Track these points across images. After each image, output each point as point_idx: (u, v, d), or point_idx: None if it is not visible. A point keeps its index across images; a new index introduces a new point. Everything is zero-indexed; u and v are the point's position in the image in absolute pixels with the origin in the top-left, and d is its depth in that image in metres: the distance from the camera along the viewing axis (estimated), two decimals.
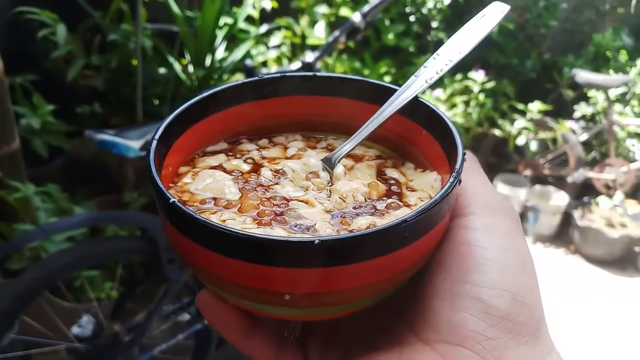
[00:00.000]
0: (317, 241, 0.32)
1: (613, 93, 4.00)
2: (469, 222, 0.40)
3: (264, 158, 0.48)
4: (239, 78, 2.22)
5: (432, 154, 0.45)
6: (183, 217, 0.35)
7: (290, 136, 0.51)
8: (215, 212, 0.41)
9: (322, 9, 3.51)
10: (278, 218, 0.40)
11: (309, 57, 2.16)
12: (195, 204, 0.42)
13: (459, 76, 3.82)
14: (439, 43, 4.02)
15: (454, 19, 4.00)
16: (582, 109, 4.24)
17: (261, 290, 0.35)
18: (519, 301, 0.36)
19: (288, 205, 0.42)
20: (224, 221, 0.39)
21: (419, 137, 0.46)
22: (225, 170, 0.46)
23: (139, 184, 2.86)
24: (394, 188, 0.45)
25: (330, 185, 0.44)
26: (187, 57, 3.09)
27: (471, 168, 0.43)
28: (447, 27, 4.00)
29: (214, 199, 0.42)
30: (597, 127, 4.07)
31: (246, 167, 0.46)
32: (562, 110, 4.24)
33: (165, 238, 1.50)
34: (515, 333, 0.36)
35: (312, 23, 3.47)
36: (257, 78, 0.48)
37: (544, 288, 0.42)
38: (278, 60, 3.28)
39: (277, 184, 0.44)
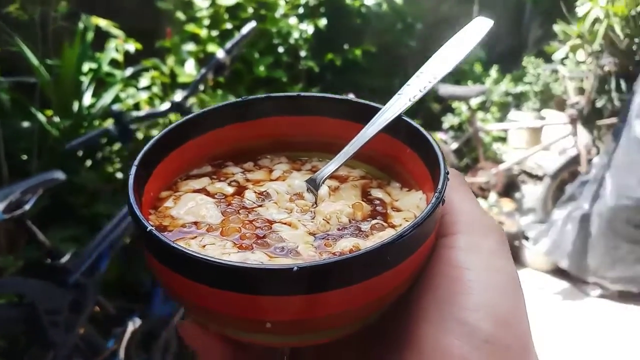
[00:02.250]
0: (295, 268, 0.31)
1: (474, 102, 4.32)
2: (453, 241, 0.39)
3: (248, 180, 0.47)
4: (107, 125, 2.13)
5: (417, 173, 0.44)
6: (160, 245, 0.34)
7: (275, 158, 0.51)
8: (196, 236, 0.40)
9: (190, 46, 3.49)
10: (259, 241, 0.39)
11: (178, 96, 2.14)
12: (175, 229, 0.41)
13: None
14: (309, 71, 4.14)
15: (321, 47, 4.14)
16: (449, 120, 4.54)
17: (242, 318, 0.34)
18: (503, 323, 0.35)
19: (271, 228, 0.41)
20: (204, 246, 0.38)
21: (403, 156, 0.46)
22: (208, 194, 0.45)
23: (11, 247, 2.63)
24: (379, 208, 0.44)
25: (315, 207, 0.44)
26: (52, 106, 2.92)
27: (457, 185, 0.42)
28: (315, 55, 4.12)
29: (195, 223, 0.41)
30: (465, 135, 4.37)
31: (230, 190, 0.46)
32: (432, 123, 4.51)
33: (47, 301, 1.38)
34: (498, 356, 0.35)
35: (181, 62, 3.43)
36: (239, 100, 0.47)
37: None
38: (150, 100, 3.20)
39: (260, 206, 0.43)
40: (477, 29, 0.47)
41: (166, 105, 2.21)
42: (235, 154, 0.50)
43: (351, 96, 0.49)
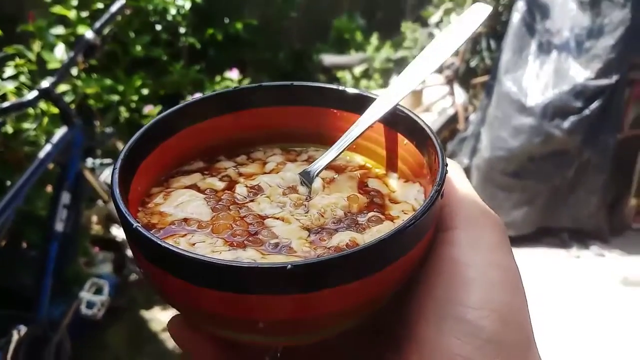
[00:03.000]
0: (289, 266, 0.30)
1: (357, 70, 4.41)
2: (452, 236, 0.38)
3: (240, 175, 0.46)
4: None
5: (415, 164, 0.43)
6: (147, 243, 0.33)
7: (268, 150, 0.49)
8: (185, 234, 0.38)
9: (58, 29, 3.27)
10: (251, 238, 0.37)
11: (45, 83, 2.01)
12: (165, 227, 0.39)
13: (218, 78, 3.87)
14: (191, 48, 4.02)
15: (201, 22, 4.03)
16: None
17: (232, 318, 0.33)
18: (507, 321, 0.34)
19: (263, 224, 0.39)
20: (193, 244, 0.37)
21: (401, 147, 0.44)
22: (198, 189, 0.43)
23: None
24: (376, 200, 0.43)
25: (309, 200, 0.42)
26: None
27: (455, 177, 0.40)
28: (195, 31, 4.01)
29: (185, 220, 0.40)
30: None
31: (220, 185, 0.44)
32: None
33: None
34: (502, 356, 0.34)
35: (49, 46, 3.21)
36: (229, 89, 0.46)
37: None
38: (18, 91, 2.98)
39: (252, 201, 0.42)
40: (475, 16, 0.45)
41: (33, 94, 2.07)
42: (226, 145, 0.48)
43: (235, 73, 0.48)
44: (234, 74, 3.81)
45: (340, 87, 0.47)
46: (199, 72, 3.85)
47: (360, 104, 0.44)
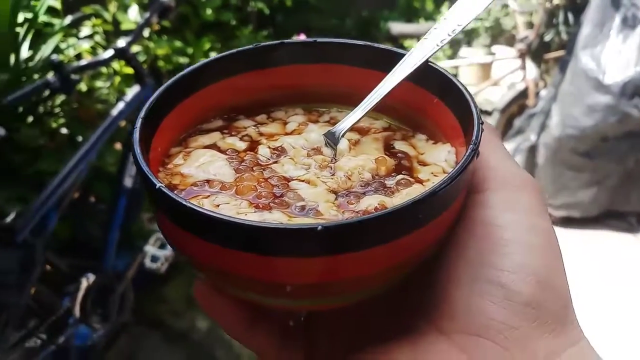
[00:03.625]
0: (319, 227, 0.29)
1: None
2: (486, 198, 0.36)
3: (261, 135, 0.45)
4: (48, 77, 2.05)
5: (445, 124, 0.41)
6: (171, 204, 0.32)
7: (290, 110, 0.48)
8: (209, 195, 0.37)
9: None
10: (277, 200, 0.37)
11: (121, 42, 2.07)
12: (186, 188, 0.38)
13: None
14: (259, 13, 4.03)
15: None
16: None
17: (259, 281, 0.32)
18: (544, 286, 0.33)
19: (288, 186, 0.38)
20: (218, 206, 0.36)
21: (430, 106, 0.42)
22: (219, 150, 0.42)
23: None
24: (403, 162, 0.41)
25: (334, 162, 0.41)
26: None
27: (489, 139, 0.38)
28: None
29: (207, 181, 0.39)
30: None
31: (242, 145, 0.43)
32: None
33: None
34: (540, 321, 0.33)
35: (124, 7, 3.29)
36: (250, 47, 0.44)
37: None
38: (93, 50, 3.08)
39: (275, 162, 0.41)
40: None
41: (109, 53, 2.14)
42: (247, 105, 0.47)
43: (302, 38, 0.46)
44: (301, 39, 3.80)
45: (367, 43, 0.45)
46: (266, 37, 3.86)
47: (388, 60, 0.42)
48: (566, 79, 3.33)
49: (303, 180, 0.39)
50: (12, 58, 2.79)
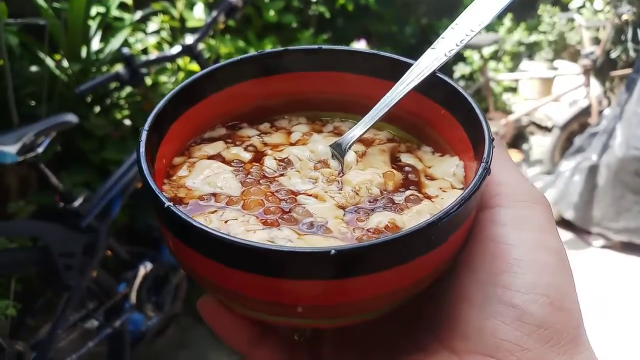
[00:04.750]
0: (332, 252, 0.28)
1: (486, 51, 4.24)
2: (496, 215, 0.35)
3: (266, 145, 0.44)
4: (118, 69, 2.11)
5: (453, 137, 0.40)
6: (180, 224, 0.31)
7: (293, 119, 0.47)
8: (216, 211, 0.37)
9: None
10: (285, 216, 0.36)
11: (189, 39, 2.11)
12: (192, 202, 0.38)
13: None
14: (320, 17, 4.06)
15: None
16: (460, 69, 4.47)
17: (271, 302, 0.32)
18: (557, 306, 0.33)
19: (296, 200, 0.38)
20: (226, 222, 0.35)
21: (437, 117, 0.41)
22: (224, 160, 0.42)
23: (23, 192, 2.68)
24: (411, 176, 0.40)
25: (342, 176, 0.40)
26: (60, 51, 2.90)
27: (497, 153, 0.36)
28: (326, 0, 4.04)
29: (214, 194, 0.38)
30: (476, 85, 4.32)
31: (247, 156, 0.42)
32: (443, 72, 4.45)
33: (60, 244, 1.39)
34: (553, 342, 0.32)
35: (190, 5, 3.38)
36: (254, 54, 0.43)
37: None
38: (158, 45, 3.17)
39: (282, 175, 0.40)
40: None
41: (177, 49, 2.19)
42: (250, 113, 0.46)
43: (362, 44, 0.45)
44: (361, 44, 3.81)
45: (372, 52, 0.44)
46: (325, 41, 3.89)
47: (394, 70, 0.41)
48: (633, 99, 3.23)
49: (311, 195, 0.38)
50: (84, 50, 2.90)
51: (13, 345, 1.77)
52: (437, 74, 0.40)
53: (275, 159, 0.42)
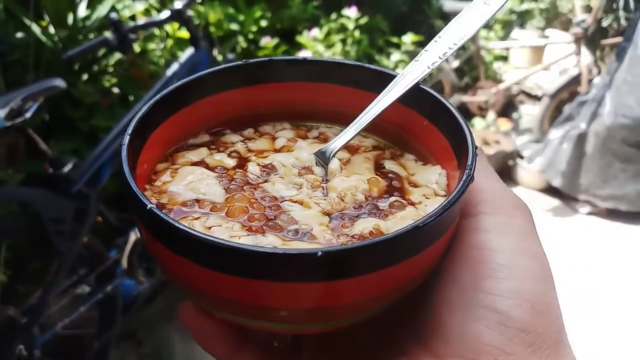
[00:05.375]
0: (319, 253, 0.29)
1: None
2: (479, 222, 0.36)
3: (250, 151, 0.44)
4: (106, 35, 2.09)
5: (436, 146, 0.41)
6: (163, 226, 0.31)
7: (277, 125, 0.47)
8: (199, 217, 0.37)
9: None
10: (270, 223, 0.36)
11: (178, 4, 2.09)
12: (175, 208, 0.37)
13: (334, 15, 3.85)
14: None
15: None
16: None
17: (254, 305, 0.32)
18: (539, 311, 0.33)
19: (280, 207, 0.38)
20: (209, 228, 0.35)
21: (419, 128, 0.42)
22: (207, 167, 0.42)
23: (11, 160, 2.66)
24: (395, 183, 0.41)
25: (326, 182, 0.41)
26: (46, 17, 2.86)
27: (479, 163, 0.37)
28: None
29: (197, 201, 0.38)
30: (467, 53, 4.30)
31: (231, 162, 0.42)
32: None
33: (51, 209, 1.39)
34: (535, 346, 0.33)
35: None
36: (239, 63, 0.44)
37: None
38: (146, 12, 3.12)
39: (266, 181, 0.40)
40: None
41: (166, 14, 2.17)
42: (234, 121, 0.46)
43: (353, 11, 0.45)
44: (352, 12, 3.77)
45: (357, 64, 0.44)
46: (316, 8, 3.84)
47: (378, 81, 0.42)
48: (623, 67, 3.23)
49: (295, 202, 0.38)
50: (70, 17, 2.85)
51: (4, 310, 1.79)
52: (421, 86, 0.41)
53: (259, 164, 0.42)
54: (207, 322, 0.38)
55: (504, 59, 4.83)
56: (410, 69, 0.41)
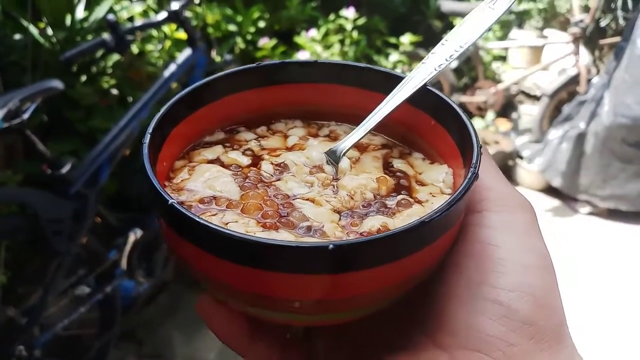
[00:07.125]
0: (331, 246, 0.30)
1: None
2: (483, 219, 0.38)
3: (263, 149, 0.46)
4: (104, 36, 2.08)
5: (442, 146, 0.43)
6: (184, 221, 0.33)
7: (289, 122, 0.49)
8: (216, 213, 0.38)
9: None
10: (283, 220, 0.38)
11: (175, 5, 2.09)
12: (194, 204, 0.39)
13: (332, 16, 3.85)
14: None
15: None
16: None
17: (269, 297, 0.34)
18: (541, 304, 0.35)
19: (292, 205, 0.39)
20: (226, 224, 0.37)
21: (427, 128, 0.44)
22: (223, 165, 0.43)
23: (9, 162, 2.66)
24: (402, 182, 0.43)
25: (337, 181, 0.42)
26: (44, 19, 2.85)
27: (484, 161, 0.39)
28: None
29: (214, 198, 0.40)
30: (466, 54, 4.30)
31: (245, 161, 0.44)
32: (432, 41, 4.42)
33: (49, 210, 1.39)
34: (537, 338, 0.34)
35: None
36: (253, 65, 0.46)
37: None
38: (144, 13, 3.12)
39: (279, 179, 0.42)
40: None
41: (163, 15, 2.17)
42: (249, 120, 0.48)
43: (351, 12, 0.46)
44: (350, 12, 3.77)
45: (367, 66, 0.46)
46: (314, 9, 3.84)
47: (386, 83, 0.44)
48: (621, 67, 3.23)
49: (307, 199, 0.40)
50: (68, 18, 2.85)
51: (4, 312, 1.78)
52: (428, 87, 0.42)
53: (272, 163, 0.43)
54: (223, 314, 0.40)
55: (503, 59, 4.83)
56: (418, 71, 0.43)
